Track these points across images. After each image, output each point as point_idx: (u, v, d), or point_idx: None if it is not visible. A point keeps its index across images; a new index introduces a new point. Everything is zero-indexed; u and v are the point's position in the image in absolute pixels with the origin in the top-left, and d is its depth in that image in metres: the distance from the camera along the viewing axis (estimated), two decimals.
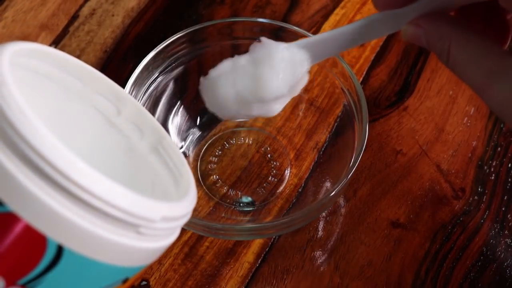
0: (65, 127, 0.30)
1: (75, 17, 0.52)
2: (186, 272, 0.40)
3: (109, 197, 0.21)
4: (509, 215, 0.43)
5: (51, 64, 0.28)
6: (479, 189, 0.44)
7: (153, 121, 0.32)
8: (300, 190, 0.43)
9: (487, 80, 0.26)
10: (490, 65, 0.26)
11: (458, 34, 0.28)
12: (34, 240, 0.21)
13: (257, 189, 0.43)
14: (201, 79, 0.34)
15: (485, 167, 0.45)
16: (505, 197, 0.44)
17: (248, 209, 0.42)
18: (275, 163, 0.45)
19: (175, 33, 0.43)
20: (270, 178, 0.44)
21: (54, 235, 0.21)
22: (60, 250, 0.21)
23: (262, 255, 0.41)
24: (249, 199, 0.43)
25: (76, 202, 0.21)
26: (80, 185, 0.20)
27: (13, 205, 0.20)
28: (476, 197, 0.43)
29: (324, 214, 0.42)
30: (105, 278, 0.23)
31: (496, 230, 0.42)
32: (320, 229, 0.42)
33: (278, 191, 0.43)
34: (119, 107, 0.31)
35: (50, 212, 0.20)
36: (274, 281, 0.40)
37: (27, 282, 0.21)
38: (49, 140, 0.20)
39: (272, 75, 0.32)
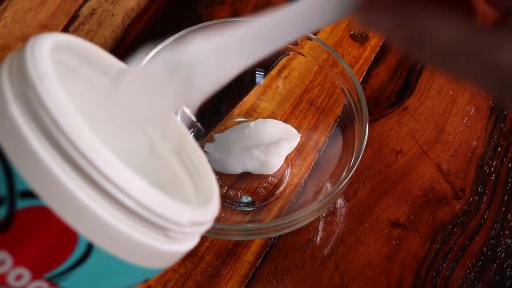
0: (87, 122, 0.29)
1: (75, 17, 0.52)
2: (186, 272, 0.40)
3: (144, 199, 0.21)
4: (509, 215, 0.43)
5: (81, 57, 0.28)
6: (480, 189, 0.44)
7: (176, 122, 0.31)
8: (300, 190, 0.43)
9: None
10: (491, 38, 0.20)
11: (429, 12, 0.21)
12: (65, 236, 0.21)
13: (257, 189, 0.43)
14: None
15: (486, 167, 0.45)
16: (506, 197, 0.44)
17: (248, 209, 0.42)
18: None
19: (175, 33, 0.43)
20: (270, 178, 0.44)
21: (86, 232, 0.21)
22: (90, 247, 0.21)
23: (262, 255, 0.41)
24: (249, 199, 0.43)
25: (110, 201, 0.21)
26: (116, 185, 0.21)
27: (48, 200, 0.20)
28: (476, 197, 0.43)
29: (324, 214, 0.42)
30: (129, 277, 0.23)
31: (497, 230, 0.42)
32: (320, 229, 0.42)
33: (278, 191, 0.43)
34: None
35: (84, 209, 0.20)
36: (274, 281, 0.39)
37: (53, 277, 0.21)
38: (89, 139, 0.20)
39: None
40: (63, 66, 0.27)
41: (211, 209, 0.26)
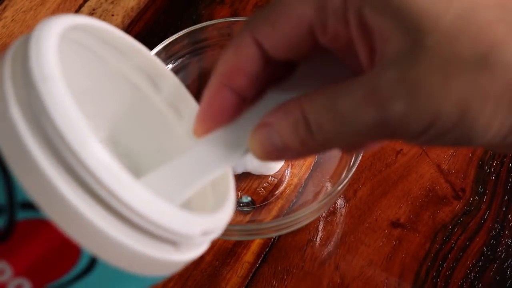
0: (102, 102, 0.28)
1: None
2: (186, 272, 0.40)
3: (152, 214, 0.20)
4: (509, 215, 0.43)
5: (93, 35, 0.26)
6: (480, 189, 0.44)
7: (194, 105, 0.28)
8: (300, 190, 0.43)
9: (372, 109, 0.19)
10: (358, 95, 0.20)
11: (306, 98, 0.21)
12: (67, 249, 0.20)
13: (257, 189, 0.43)
14: None
15: (486, 167, 0.45)
16: (506, 197, 0.43)
17: (248, 209, 0.42)
18: None
19: (175, 33, 0.43)
20: (270, 178, 0.44)
21: (89, 246, 0.20)
22: (93, 261, 0.20)
23: (262, 255, 0.41)
24: (249, 199, 0.43)
25: (114, 215, 0.20)
26: (121, 200, 0.19)
27: (50, 213, 0.19)
28: (476, 197, 0.43)
29: (324, 214, 0.42)
30: (135, 286, 0.23)
31: (497, 230, 0.42)
32: (320, 229, 0.42)
33: (278, 191, 0.43)
34: (159, 85, 0.29)
35: (87, 223, 0.19)
36: (274, 281, 0.39)
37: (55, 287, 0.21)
38: (94, 151, 0.19)
39: None
40: (73, 43, 0.26)
41: (224, 214, 0.24)
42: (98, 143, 0.19)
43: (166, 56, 0.43)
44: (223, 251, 0.41)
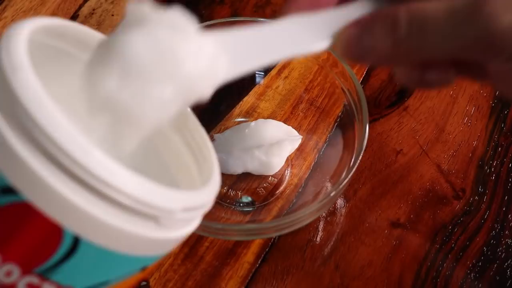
0: (82, 105, 0.29)
1: (74, 17, 0.52)
2: (186, 272, 0.40)
3: (127, 188, 0.20)
4: (509, 215, 0.43)
5: (70, 39, 0.27)
6: (480, 189, 0.44)
7: None
8: (300, 190, 0.43)
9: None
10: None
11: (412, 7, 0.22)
12: (50, 230, 0.20)
13: (257, 189, 0.43)
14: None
15: (486, 167, 0.45)
16: (506, 197, 0.43)
17: (248, 209, 0.42)
18: None
19: None
20: (270, 178, 0.44)
21: (70, 225, 0.20)
22: (76, 240, 0.21)
23: (262, 255, 0.41)
24: (249, 199, 0.43)
25: (92, 192, 0.20)
26: (96, 176, 0.20)
27: (29, 195, 0.20)
28: (476, 197, 0.43)
29: (324, 214, 0.42)
30: (123, 267, 0.23)
31: (497, 230, 0.42)
32: (320, 229, 0.42)
33: (278, 191, 0.43)
34: None
35: (65, 202, 0.20)
36: (274, 281, 0.39)
37: (43, 271, 0.21)
38: (66, 130, 0.20)
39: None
40: (53, 49, 0.26)
41: (207, 191, 0.24)
42: (70, 123, 0.20)
43: None
44: (223, 251, 0.41)
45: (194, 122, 0.29)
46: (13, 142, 0.20)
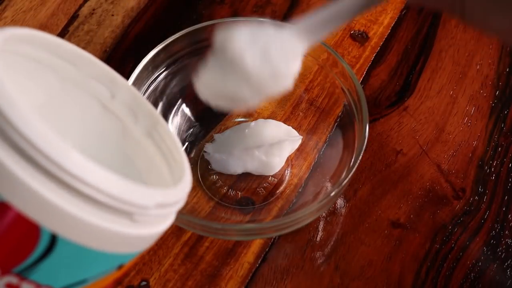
0: (59, 112, 0.30)
1: (74, 16, 0.52)
2: (186, 272, 0.40)
3: (101, 185, 0.21)
4: (509, 215, 0.43)
5: (44, 49, 0.28)
6: (480, 189, 0.44)
7: (148, 106, 0.31)
8: (300, 190, 0.43)
9: None
10: None
11: None
12: (27, 229, 0.21)
13: (257, 189, 0.43)
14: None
15: (486, 167, 0.45)
16: (506, 197, 0.43)
17: (248, 209, 0.42)
18: None
19: (175, 33, 0.43)
20: (270, 178, 0.44)
21: (47, 223, 0.21)
22: (53, 238, 0.21)
23: (262, 255, 0.41)
24: (249, 199, 0.43)
25: (68, 190, 0.20)
26: (71, 174, 0.20)
27: (5, 194, 0.20)
28: (476, 197, 0.43)
29: (324, 214, 0.42)
30: (100, 265, 0.23)
31: (497, 230, 0.42)
32: (320, 229, 0.42)
33: (278, 191, 0.43)
34: (113, 91, 0.31)
35: (42, 200, 0.20)
36: (274, 281, 0.39)
37: (22, 270, 0.21)
38: (39, 128, 0.20)
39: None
40: (27, 59, 0.27)
41: (179, 189, 0.25)
42: (42, 122, 0.20)
43: (166, 56, 0.43)
44: (223, 251, 0.41)
45: (164, 127, 0.31)
46: None
